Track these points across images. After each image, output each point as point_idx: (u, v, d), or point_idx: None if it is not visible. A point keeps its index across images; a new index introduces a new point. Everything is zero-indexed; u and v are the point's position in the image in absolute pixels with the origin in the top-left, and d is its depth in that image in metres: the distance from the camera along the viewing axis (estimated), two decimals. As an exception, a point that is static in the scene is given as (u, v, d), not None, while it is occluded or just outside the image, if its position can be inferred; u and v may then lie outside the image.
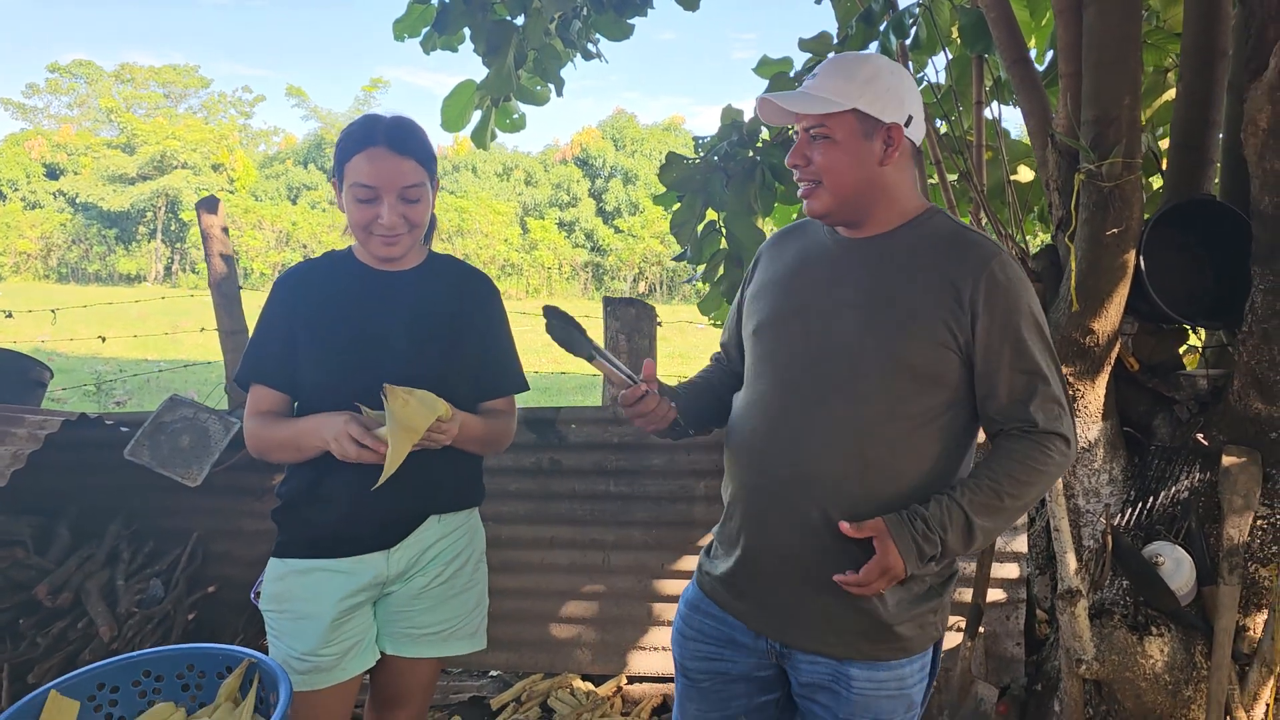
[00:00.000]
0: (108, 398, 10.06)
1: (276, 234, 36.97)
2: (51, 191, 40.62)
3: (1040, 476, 1.69)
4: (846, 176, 1.73)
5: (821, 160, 1.73)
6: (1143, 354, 3.11)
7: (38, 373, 4.13)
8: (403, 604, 2.16)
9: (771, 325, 1.84)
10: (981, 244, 1.74)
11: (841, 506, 1.71)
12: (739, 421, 1.88)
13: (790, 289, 1.86)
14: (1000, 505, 1.68)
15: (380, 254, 2.07)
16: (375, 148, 1.98)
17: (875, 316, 1.72)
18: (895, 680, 1.79)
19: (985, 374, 1.71)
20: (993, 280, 1.69)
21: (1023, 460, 1.69)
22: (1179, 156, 3.16)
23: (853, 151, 1.73)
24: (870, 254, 1.79)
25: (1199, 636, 2.77)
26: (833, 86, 1.71)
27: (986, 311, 1.68)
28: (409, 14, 4.50)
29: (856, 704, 1.78)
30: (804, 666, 1.82)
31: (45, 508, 3.68)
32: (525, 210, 40.30)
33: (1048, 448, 1.69)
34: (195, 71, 53.23)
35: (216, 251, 4.11)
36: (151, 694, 1.81)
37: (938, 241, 1.75)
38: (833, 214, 1.78)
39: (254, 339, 2.13)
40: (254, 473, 3.70)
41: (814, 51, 4.44)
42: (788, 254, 1.93)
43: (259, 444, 2.06)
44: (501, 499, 3.56)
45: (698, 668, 1.95)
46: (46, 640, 3.26)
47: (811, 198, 1.77)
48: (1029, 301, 1.72)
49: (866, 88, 1.72)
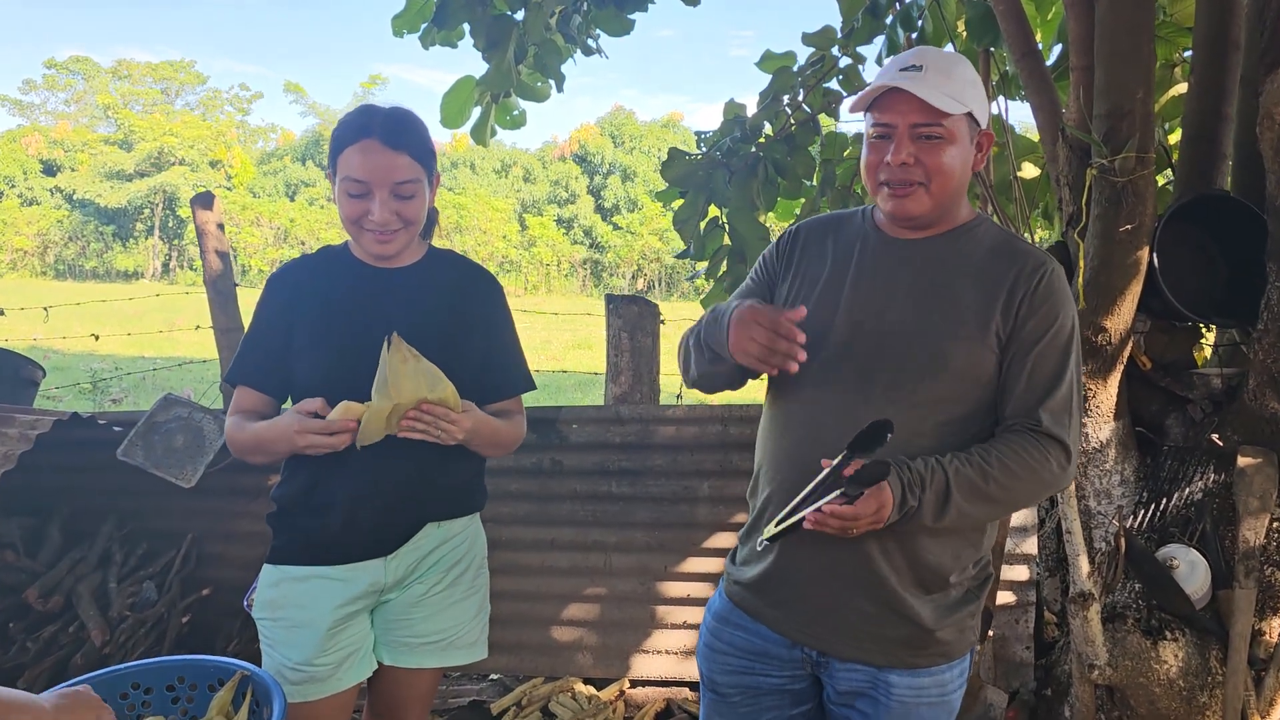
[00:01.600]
0: (104, 396, 10.01)
1: (274, 231, 36.99)
2: (48, 188, 40.61)
3: (1030, 475, 1.66)
4: (953, 180, 1.71)
5: (933, 161, 1.68)
6: (1155, 352, 3.06)
7: (29, 371, 4.07)
8: (401, 612, 2.10)
9: (816, 324, 1.76)
10: (1035, 253, 1.76)
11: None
12: (781, 426, 1.81)
13: (835, 288, 1.80)
14: (983, 488, 1.64)
15: (373, 251, 2.01)
16: (368, 140, 1.92)
17: (929, 319, 1.71)
18: (937, 686, 1.77)
19: (1011, 371, 1.71)
20: (1045, 287, 1.70)
21: (1018, 452, 1.66)
22: (1191, 151, 3.12)
23: (964, 155, 1.72)
24: (925, 256, 1.77)
25: (1214, 641, 2.72)
26: (948, 86, 1.67)
27: (1030, 314, 1.69)
28: (408, 9, 4.44)
29: (896, 711, 1.74)
30: (841, 675, 1.78)
31: (36, 509, 3.63)
32: (524, 207, 40.35)
33: (1046, 450, 1.67)
34: (192, 68, 53.21)
35: (212, 248, 4.05)
36: (140, 707, 1.76)
37: (991, 246, 1.76)
38: (927, 216, 1.74)
39: (246, 339, 2.08)
40: (250, 473, 3.64)
41: (817, 46, 4.38)
42: (827, 250, 1.87)
43: (233, 445, 2.03)
44: (501, 500, 3.51)
45: (728, 682, 1.89)
46: (37, 645, 3.21)
47: (910, 199, 1.71)
48: (1072, 315, 1.73)
49: (974, 90, 1.71)
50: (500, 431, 2.08)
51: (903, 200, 1.71)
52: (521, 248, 37.83)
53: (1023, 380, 1.70)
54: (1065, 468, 1.69)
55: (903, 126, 1.68)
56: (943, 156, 1.68)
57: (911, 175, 1.69)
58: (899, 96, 1.67)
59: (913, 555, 1.71)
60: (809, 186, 4.57)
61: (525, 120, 4.62)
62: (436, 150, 2.09)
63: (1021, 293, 1.69)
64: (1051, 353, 1.70)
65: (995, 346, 1.70)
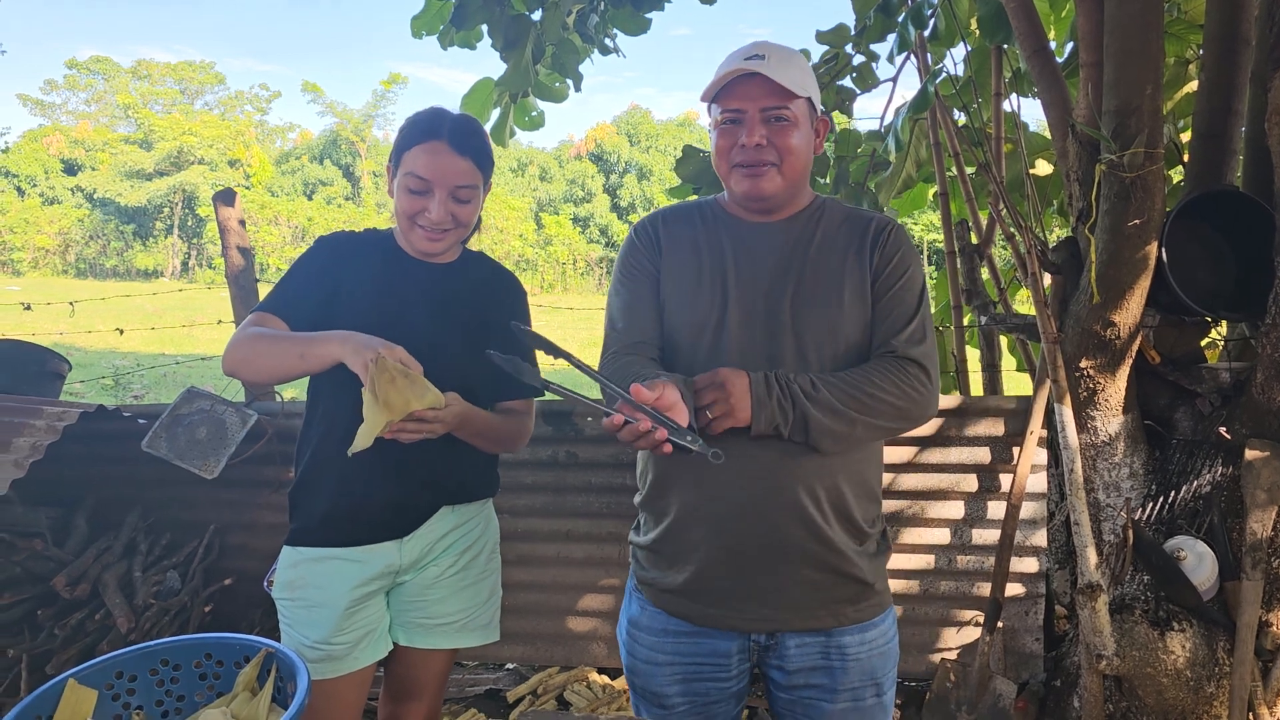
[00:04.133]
0: (125, 391, 10.11)
1: (292, 229, 37.14)
2: (69, 187, 40.93)
3: (894, 391, 1.75)
4: (800, 160, 1.80)
5: (783, 142, 1.77)
6: (1164, 347, 3.08)
7: (56, 365, 4.14)
8: (415, 594, 2.16)
9: (708, 314, 1.82)
10: (878, 216, 1.89)
11: (819, 477, 1.75)
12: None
13: (718, 274, 1.83)
14: (850, 394, 1.72)
15: (421, 248, 2.08)
16: (436, 142, 1.99)
17: (811, 293, 1.79)
18: (881, 637, 1.85)
19: (878, 309, 1.82)
20: (894, 241, 1.83)
21: (881, 370, 1.76)
22: (1201, 147, 3.13)
23: (807, 137, 1.81)
24: (788, 236, 1.85)
25: (1221, 632, 2.75)
26: (791, 73, 1.76)
27: (884, 264, 1.82)
28: (427, 10, 4.49)
29: (853, 671, 1.81)
30: (794, 652, 1.81)
31: (63, 499, 3.70)
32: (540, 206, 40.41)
33: (904, 367, 1.77)
34: (211, 68, 53.50)
35: (234, 244, 4.11)
36: (169, 683, 1.81)
37: (842, 220, 1.87)
38: (779, 195, 1.82)
39: (287, 280, 2.09)
40: (271, 465, 3.71)
41: (831, 44, 4.41)
42: (691, 241, 1.88)
43: (248, 347, 1.96)
44: (517, 492, 3.56)
45: (676, 692, 1.87)
46: (64, 631, 3.27)
47: (763, 178, 1.79)
48: (917, 264, 1.86)
49: (810, 79, 1.82)
50: (495, 427, 2.12)
51: (757, 180, 1.79)
52: (538, 246, 37.91)
53: (885, 321, 1.81)
54: (925, 384, 1.79)
55: (753, 110, 1.76)
56: (791, 138, 1.77)
57: (764, 156, 1.77)
58: (747, 83, 1.76)
59: (839, 506, 1.78)
60: (822, 184, 4.60)
61: (544, 121, 4.66)
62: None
63: (874, 248, 1.82)
64: (906, 294, 1.81)
65: (867, 298, 1.81)
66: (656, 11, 4.58)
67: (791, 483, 1.75)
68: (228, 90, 54.67)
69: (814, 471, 1.75)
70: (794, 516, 1.75)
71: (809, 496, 1.75)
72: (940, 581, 3.41)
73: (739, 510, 1.76)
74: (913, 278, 1.84)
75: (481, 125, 2.10)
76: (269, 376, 2.00)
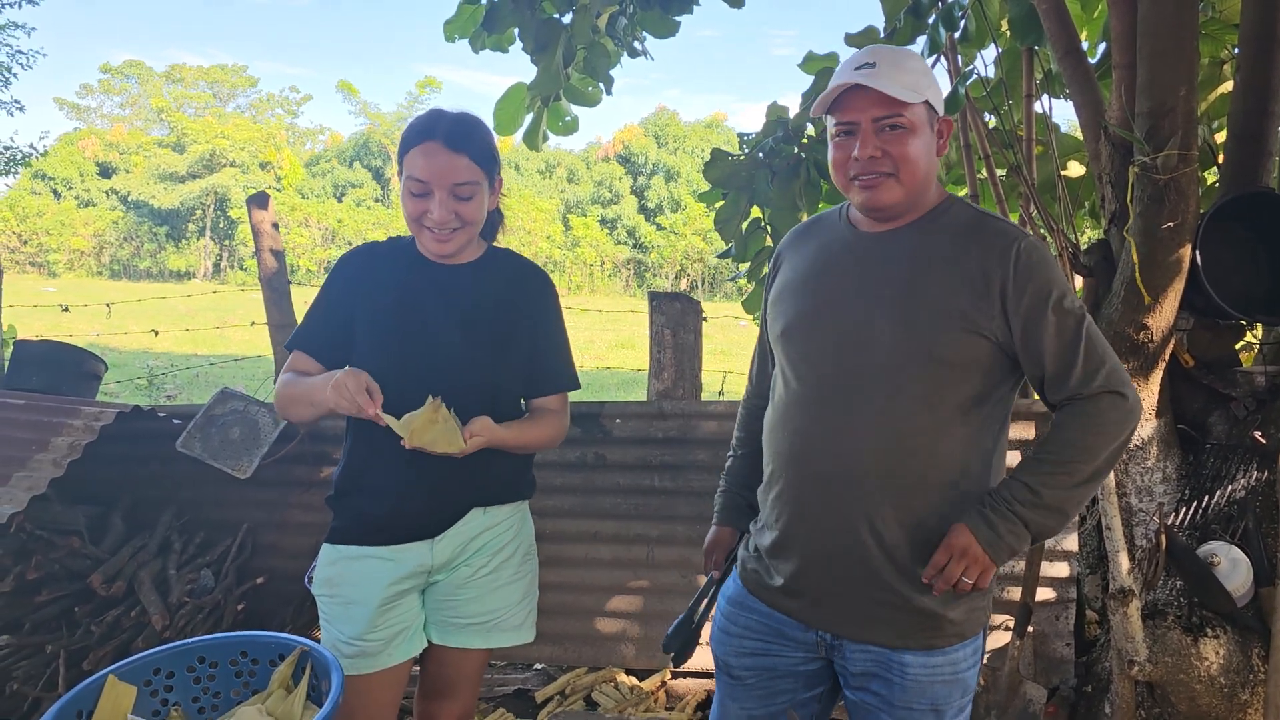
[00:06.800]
0: (159, 392, 10.24)
1: (322, 231, 37.45)
2: (104, 190, 41.47)
3: (1098, 436, 1.70)
4: (920, 167, 1.75)
5: (899, 151, 1.73)
6: (1198, 350, 3.05)
7: (92, 365, 4.21)
8: (448, 593, 2.18)
9: (803, 325, 1.85)
10: (1006, 230, 1.77)
11: (887, 497, 1.74)
12: (780, 424, 1.88)
13: (818, 286, 1.87)
14: (1065, 471, 1.70)
15: (431, 250, 2.09)
16: (431, 142, 2.00)
17: (909, 309, 1.74)
18: (949, 665, 1.79)
19: (1030, 354, 1.74)
20: (1021, 263, 1.72)
21: (1077, 428, 1.71)
22: (1236, 149, 3.10)
23: (926, 142, 1.76)
24: (898, 246, 1.81)
25: (1256, 639, 2.72)
26: (903, 78, 1.72)
27: (1017, 294, 1.71)
28: (459, 14, 4.52)
29: (911, 690, 1.78)
30: (855, 656, 1.82)
31: (100, 498, 3.76)
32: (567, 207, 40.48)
33: (1100, 405, 1.71)
34: (243, 71, 54.03)
35: (267, 247, 4.17)
36: (206, 680, 1.84)
37: (962, 230, 1.79)
38: (899, 205, 1.78)
39: (310, 311, 2.16)
40: (303, 465, 3.75)
41: (860, 46, 4.40)
42: (808, 252, 1.94)
43: (281, 398, 2.09)
44: (546, 493, 3.58)
45: (743, 664, 1.93)
46: (101, 628, 3.32)
47: (880, 189, 1.76)
48: (1058, 277, 1.75)
49: (928, 79, 1.76)
50: (524, 440, 2.14)
51: (874, 191, 1.76)
52: (565, 248, 37.99)
53: (1047, 359, 1.72)
54: (1124, 403, 1.72)
55: (865, 122, 1.74)
56: (907, 146, 1.73)
57: (880, 167, 1.74)
58: (858, 94, 1.73)
59: (913, 539, 1.75)
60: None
61: (577, 126, 4.66)
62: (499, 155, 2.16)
63: (998, 277, 1.72)
64: (1060, 324, 1.71)
65: (986, 332, 1.72)
66: (685, 14, 4.58)
67: (859, 502, 1.75)
68: (259, 93, 55.22)
69: (883, 494, 1.74)
70: (857, 536, 1.76)
71: (876, 519, 1.75)
72: (970, 585, 3.39)
73: (807, 514, 1.81)
74: (1057, 300, 1.72)
75: (480, 121, 2.09)
76: (306, 421, 2.12)
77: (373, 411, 1.88)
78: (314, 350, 2.12)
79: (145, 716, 1.75)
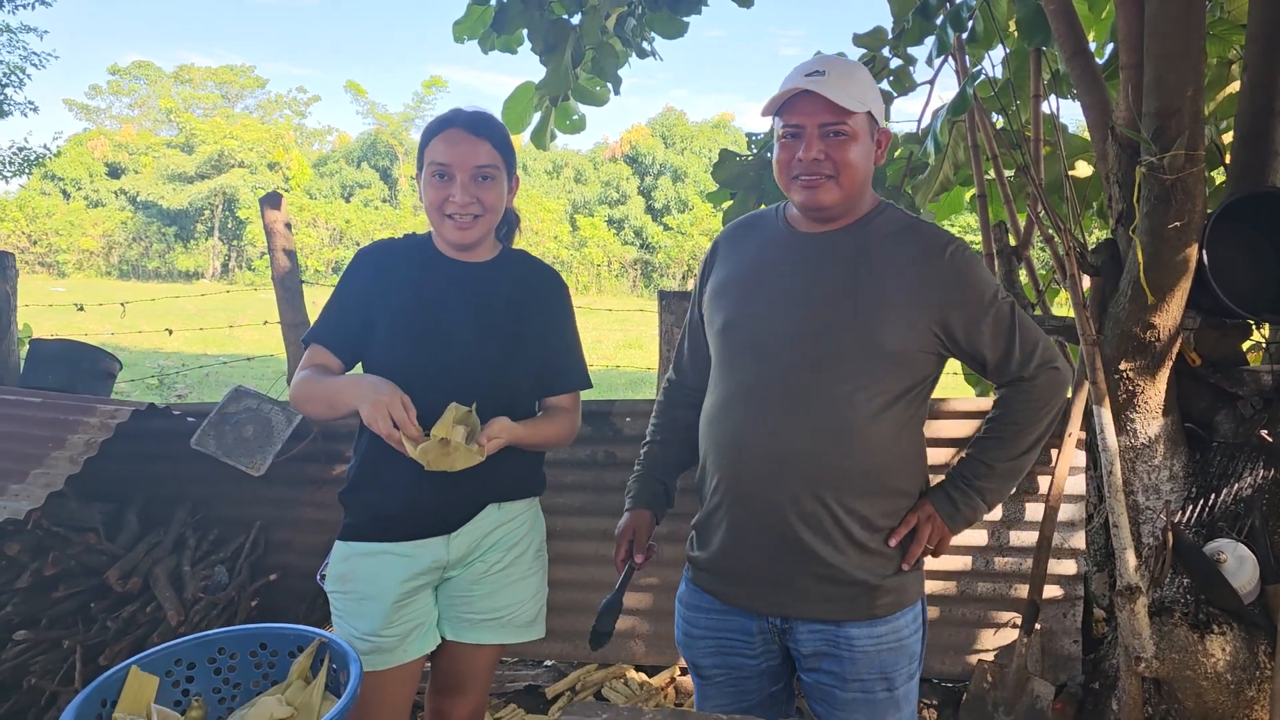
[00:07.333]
0: (169, 392, 10.30)
1: (330, 231, 37.50)
2: (113, 190, 41.57)
3: (1042, 408, 1.93)
4: (858, 173, 1.86)
5: (840, 156, 1.83)
6: (1205, 349, 3.07)
7: (107, 364, 4.26)
8: (462, 589, 2.20)
9: (746, 321, 1.94)
10: (938, 233, 1.92)
11: (827, 480, 1.84)
12: (721, 414, 1.96)
13: (761, 284, 1.96)
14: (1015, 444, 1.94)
15: (453, 239, 2.12)
16: (452, 129, 2.07)
17: (852, 304, 1.85)
18: (892, 633, 1.91)
19: (971, 348, 1.89)
20: (955, 264, 1.86)
21: (1021, 403, 1.93)
22: (1243, 149, 3.11)
23: (865, 150, 1.87)
24: (838, 246, 1.91)
25: (1262, 635, 2.74)
26: (850, 89, 1.82)
27: (955, 293, 1.86)
28: (469, 15, 4.55)
29: (861, 662, 1.89)
30: (804, 636, 1.92)
31: (115, 495, 3.80)
32: (575, 208, 40.48)
33: (1039, 383, 1.91)
34: (251, 72, 54.16)
35: (279, 246, 4.20)
36: (226, 671, 1.87)
37: (898, 232, 1.91)
38: (837, 206, 1.88)
39: (327, 306, 2.19)
40: (315, 463, 3.79)
41: (868, 47, 4.41)
42: (747, 249, 2.03)
43: (299, 392, 2.11)
44: (557, 491, 3.60)
45: (711, 664, 2.04)
46: (116, 624, 3.36)
47: (820, 190, 1.85)
48: (988, 275, 1.92)
49: (873, 93, 1.89)
50: (538, 438, 2.18)
51: (814, 191, 1.85)
52: (573, 248, 38.00)
53: (986, 350, 1.89)
54: (1059, 375, 1.93)
55: (811, 126, 1.83)
56: (849, 152, 1.83)
57: (822, 170, 1.84)
58: (807, 99, 1.83)
59: (849, 511, 1.85)
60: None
61: (585, 125, 4.70)
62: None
63: (935, 275, 1.85)
64: (997, 318, 1.88)
65: (922, 326, 1.84)
66: (694, 15, 4.61)
67: (800, 484, 1.85)
68: (267, 94, 55.35)
69: (822, 475, 1.84)
70: (799, 517, 1.85)
71: (816, 500, 1.84)
72: (978, 583, 3.41)
73: (748, 503, 1.90)
74: (991, 297, 1.88)
75: (497, 118, 2.16)
76: (321, 418, 2.12)
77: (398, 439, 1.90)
78: (332, 344, 2.15)
79: (167, 706, 1.78)
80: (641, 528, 2.16)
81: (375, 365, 2.12)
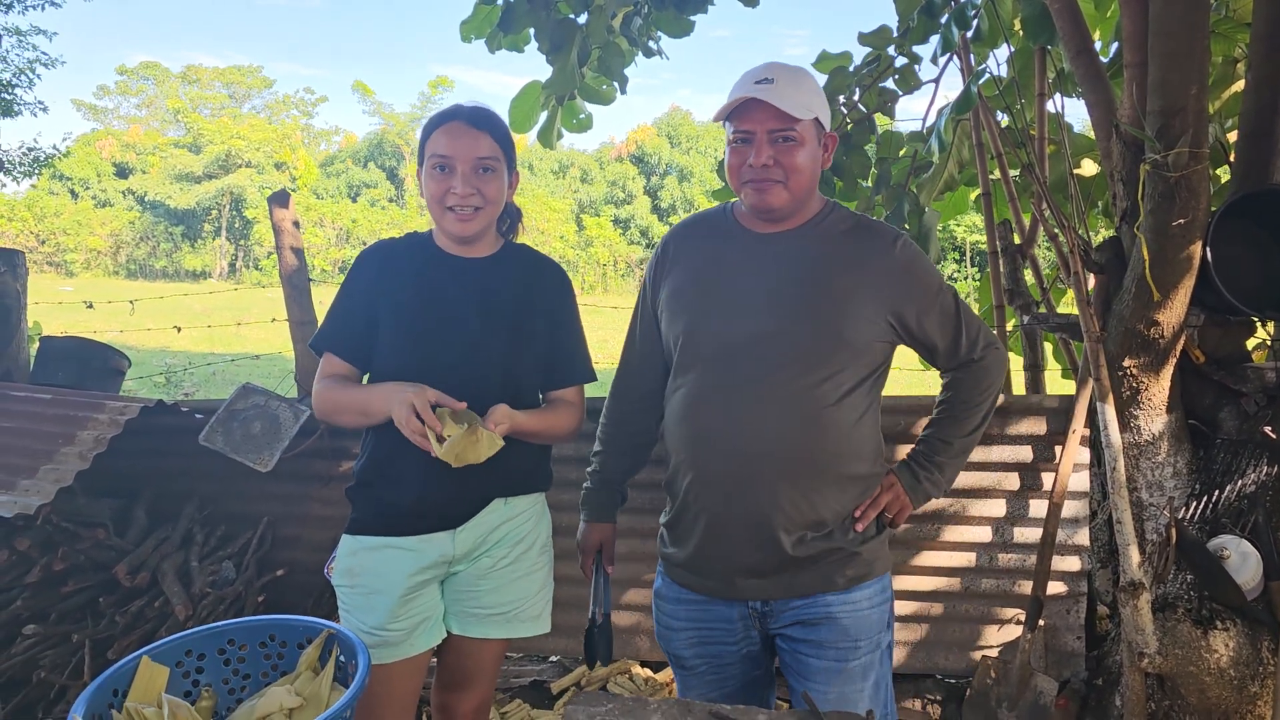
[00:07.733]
0: (176, 390, 10.33)
1: (337, 231, 37.58)
2: (121, 190, 41.72)
3: (990, 387, 2.11)
4: (806, 176, 1.95)
5: (789, 161, 1.92)
6: (1209, 346, 3.07)
7: (117, 361, 4.28)
8: (469, 584, 2.22)
9: (708, 321, 2.01)
10: (885, 229, 2.05)
11: (797, 468, 1.93)
12: (690, 414, 2.02)
13: (720, 282, 2.02)
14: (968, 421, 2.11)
15: (454, 231, 2.13)
16: (454, 123, 2.10)
17: (812, 299, 1.94)
18: (865, 600, 2.01)
19: (922, 336, 2.03)
20: (904, 258, 1.99)
21: (971, 384, 2.10)
22: (1248, 147, 3.11)
23: (813, 155, 1.96)
24: (792, 245, 2.00)
25: (1265, 631, 2.75)
26: (798, 97, 1.89)
27: (905, 286, 1.98)
28: (476, 15, 4.56)
29: (838, 629, 1.98)
30: (783, 613, 2.00)
31: (124, 491, 3.82)
32: (581, 207, 40.54)
33: (985, 364, 2.09)
34: (259, 72, 54.29)
35: (287, 245, 4.22)
36: (236, 661, 1.89)
37: (848, 230, 2.02)
38: (786, 208, 1.97)
39: (333, 310, 2.21)
40: (322, 459, 3.81)
41: (874, 46, 4.42)
42: (701, 250, 2.10)
43: (327, 405, 2.14)
44: (561, 487, 3.58)
45: (692, 654, 2.11)
46: (125, 618, 3.38)
47: (770, 193, 1.94)
48: (933, 267, 2.07)
49: (820, 100, 1.96)
50: (543, 428, 2.20)
51: (764, 194, 1.94)
52: (579, 248, 38.04)
53: (936, 339, 2.03)
54: (1000, 353, 2.12)
55: (761, 132, 1.91)
56: (797, 157, 1.92)
57: (771, 175, 1.92)
58: (756, 106, 1.90)
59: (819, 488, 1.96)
60: (864, 186, 4.62)
61: (591, 123, 4.71)
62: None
63: (886, 268, 1.97)
64: (943, 308, 2.02)
65: (877, 318, 1.96)
66: (700, 14, 4.62)
67: (773, 474, 1.93)
68: (274, 94, 55.49)
69: (793, 464, 1.92)
70: (774, 507, 1.93)
71: (790, 488, 1.93)
72: (981, 579, 3.42)
73: (724, 496, 1.97)
74: (940, 289, 2.02)
75: (497, 114, 2.20)
76: (354, 427, 2.16)
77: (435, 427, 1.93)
78: (344, 351, 2.17)
79: (177, 696, 1.80)
80: (608, 540, 2.33)
81: (381, 363, 2.13)
